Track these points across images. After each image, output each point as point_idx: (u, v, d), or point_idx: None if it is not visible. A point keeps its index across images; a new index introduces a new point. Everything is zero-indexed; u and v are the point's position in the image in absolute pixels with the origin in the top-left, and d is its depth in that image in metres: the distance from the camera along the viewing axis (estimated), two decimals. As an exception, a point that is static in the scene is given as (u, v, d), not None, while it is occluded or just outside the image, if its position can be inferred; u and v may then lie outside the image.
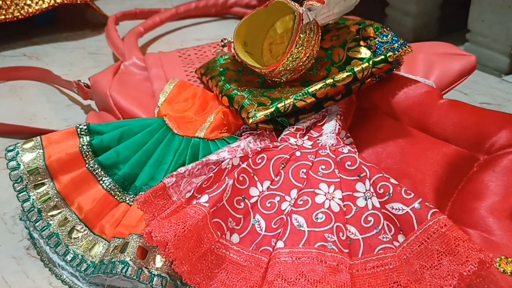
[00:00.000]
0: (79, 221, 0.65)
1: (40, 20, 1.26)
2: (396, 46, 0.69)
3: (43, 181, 0.67)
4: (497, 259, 0.54)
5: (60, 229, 0.64)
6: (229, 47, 0.83)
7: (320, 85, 0.69)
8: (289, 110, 0.69)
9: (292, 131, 0.69)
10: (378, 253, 0.55)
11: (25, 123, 0.92)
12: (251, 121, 0.70)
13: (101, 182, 0.67)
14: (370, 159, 0.66)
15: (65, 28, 1.30)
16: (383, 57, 0.69)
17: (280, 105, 0.69)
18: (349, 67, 0.70)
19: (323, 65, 0.74)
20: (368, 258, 0.54)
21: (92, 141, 0.70)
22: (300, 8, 0.70)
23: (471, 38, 1.05)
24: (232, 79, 0.79)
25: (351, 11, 0.73)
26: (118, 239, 0.59)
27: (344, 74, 0.69)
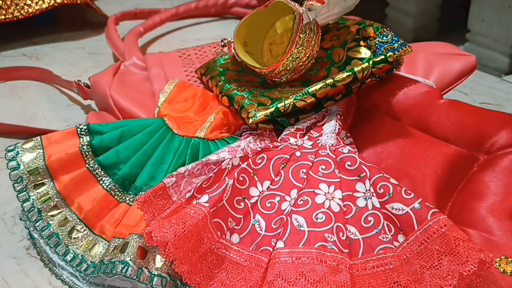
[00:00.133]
0: (79, 221, 0.65)
1: (40, 20, 1.26)
2: (396, 46, 0.69)
3: (43, 181, 0.67)
4: (497, 259, 0.54)
5: (60, 229, 0.64)
6: (229, 47, 0.83)
7: (320, 85, 0.69)
8: (289, 110, 0.69)
9: (292, 131, 0.69)
10: (378, 253, 0.55)
11: (25, 123, 0.91)
12: (251, 121, 0.70)
13: (101, 182, 0.67)
14: (370, 159, 0.66)
15: (65, 28, 1.30)
16: (383, 57, 0.69)
17: (280, 105, 0.69)
18: (349, 67, 0.70)
19: (323, 65, 0.74)
20: (368, 258, 0.54)
21: (92, 141, 0.70)
22: (300, 8, 0.70)
23: (471, 38, 1.05)
24: (232, 79, 0.79)
25: (351, 11, 0.73)
26: (118, 239, 0.59)
27: (344, 74, 0.69)
